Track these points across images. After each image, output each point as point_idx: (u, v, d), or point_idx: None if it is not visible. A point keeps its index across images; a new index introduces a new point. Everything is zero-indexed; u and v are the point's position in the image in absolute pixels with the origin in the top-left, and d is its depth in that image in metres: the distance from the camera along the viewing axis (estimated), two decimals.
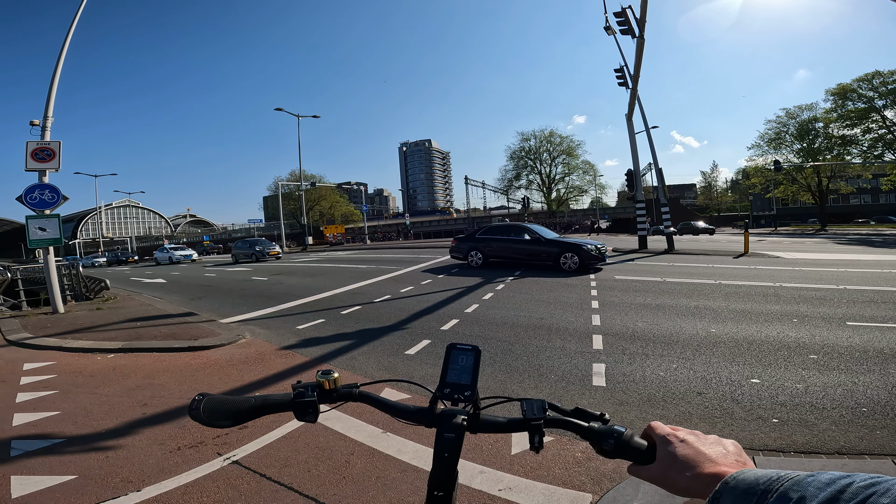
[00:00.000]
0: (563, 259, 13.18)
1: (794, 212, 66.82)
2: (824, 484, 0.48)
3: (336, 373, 0.94)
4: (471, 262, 15.23)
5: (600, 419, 0.83)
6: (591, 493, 2.75)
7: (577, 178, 67.90)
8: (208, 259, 39.78)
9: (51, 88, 11.09)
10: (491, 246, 15.15)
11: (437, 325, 7.37)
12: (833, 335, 5.87)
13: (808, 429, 3.48)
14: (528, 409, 0.86)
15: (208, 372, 5.62)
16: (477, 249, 15.22)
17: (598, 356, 5.43)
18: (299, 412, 0.90)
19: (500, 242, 15.10)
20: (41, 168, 10.55)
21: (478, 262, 15.09)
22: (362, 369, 5.46)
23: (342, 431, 3.66)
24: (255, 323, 8.50)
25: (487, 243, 15.22)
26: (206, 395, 0.90)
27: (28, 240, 10.56)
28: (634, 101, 21.00)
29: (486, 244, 15.22)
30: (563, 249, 13.38)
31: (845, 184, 50.28)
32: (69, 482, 3.05)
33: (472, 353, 0.93)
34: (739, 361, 5.04)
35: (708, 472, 0.64)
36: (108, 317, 9.72)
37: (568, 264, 13.12)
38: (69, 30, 11.53)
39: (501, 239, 15.19)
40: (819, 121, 45.07)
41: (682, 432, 0.72)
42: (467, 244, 15.64)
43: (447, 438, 0.84)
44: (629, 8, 17.73)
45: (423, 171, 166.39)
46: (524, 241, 14.59)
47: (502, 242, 15.08)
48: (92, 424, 4.07)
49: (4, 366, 6.27)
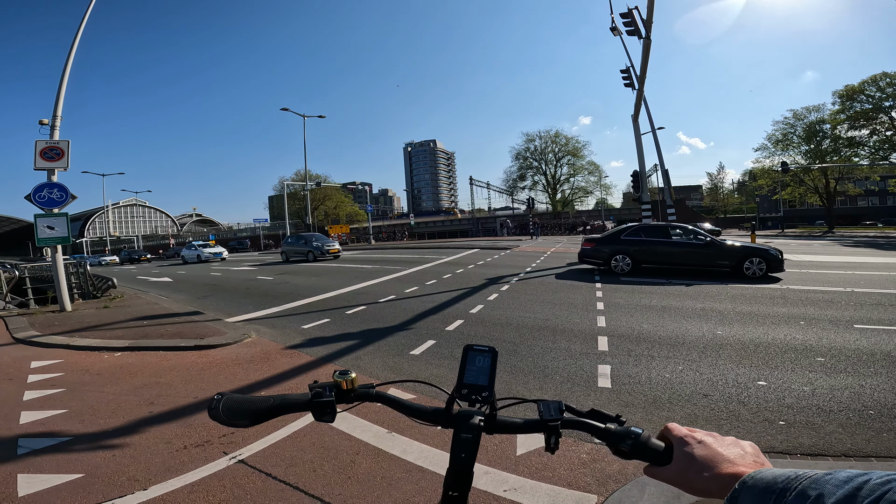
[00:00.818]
0: (748, 265, 11.66)
1: (801, 213, 66.44)
2: (841, 482, 0.48)
3: (353, 373, 0.95)
4: (615, 268, 13.12)
5: (616, 420, 0.83)
6: (596, 494, 2.74)
7: (583, 179, 67.77)
8: (245, 257, 36.76)
9: (60, 87, 11.17)
10: (643, 248, 13.21)
11: (442, 326, 7.37)
12: (840, 338, 5.83)
13: (814, 431, 3.46)
14: (545, 411, 0.86)
15: (214, 371, 5.65)
16: (624, 253, 13.20)
17: (604, 357, 5.42)
18: (317, 412, 0.91)
19: (656, 245, 13.22)
20: (50, 167, 10.62)
21: (625, 267, 13.06)
22: (367, 369, 5.46)
23: (347, 431, 3.67)
24: (260, 322, 8.53)
25: (639, 245, 13.26)
26: (225, 394, 0.90)
27: (36, 238, 10.64)
28: (640, 102, 20.96)
29: (638, 246, 13.23)
30: (748, 254, 11.95)
31: (853, 186, 49.94)
32: (76, 480, 3.07)
33: (489, 355, 0.94)
34: (746, 364, 5.01)
35: (726, 473, 0.64)
36: (115, 315, 9.77)
37: (753, 270, 11.57)
38: (78, 30, 11.62)
39: (658, 241, 13.28)
40: (826, 122, 44.79)
41: (700, 433, 0.72)
42: (611, 246, 13.44)
43: (465, 439, 0.85)
44: (635, 9, 17.70)
45: (427, 171, 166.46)
46: (692, 244, 12.75)
47: (659, 245, 13.20)
48: (98, 423, 4.10)
49: (12, 364, 6.32)
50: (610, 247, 13.46)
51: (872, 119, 40.93)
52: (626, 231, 13.83)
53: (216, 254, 32.22)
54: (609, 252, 13.39)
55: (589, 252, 13.82)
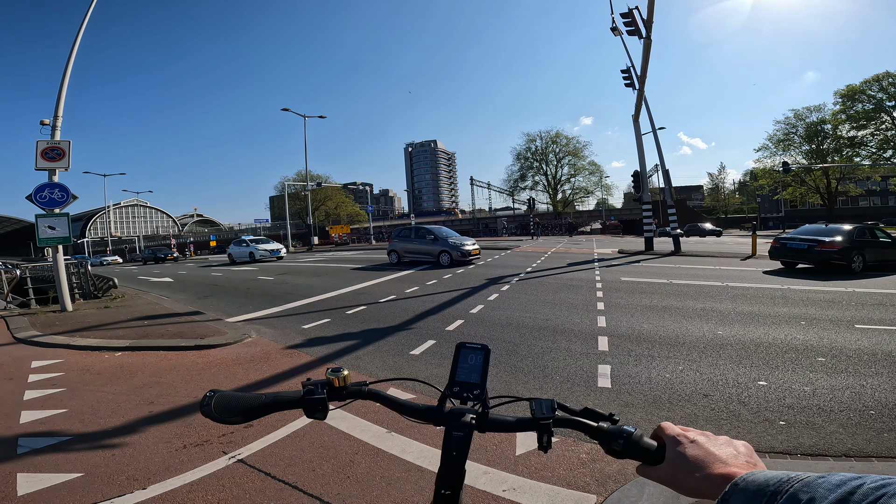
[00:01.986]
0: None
1: (802, 214, 66.26)
2: (834, 485, 0.47)
3: (345, 370, 0.94)
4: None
5: (609, 419, 0.82)
6: (595, 494, 2.74)
7: (583, 180, 67.85)
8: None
9: (61, 88, 11.18)
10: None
11: (442, 326, 7.37)
12: (841, 338, 5.82)
13: (815, 431, 3.46)
14: (538, 409, 0.85)
15: (214, 371, 5.65)
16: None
17: (604, 357, 5.41)
18: (309, 409, 0.90)
19: None
20: (51, 167, 10.63)
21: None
22: (367, 369, 5.46)
23: (347, 431, 3.67)
24: (260, 322, 8.53)
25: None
26: (218, 391, 0.90)
27: (37, 238, 10.65)
28: (641, 103, 20.96)
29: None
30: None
31: (854, 186, 49.89)
32: (75, 480, 3.07)
33: (481, 353, 0.93)
34: (746, 364, 5.00)
35: (718, 473, 0.63)
36: (116, 315, 9.78)
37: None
38: (79, 31, 11.63)
39: None
40: (827, 122, 44.76)
41: (693, 433, 0.72)
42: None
43: (456, 437, 0.84)
44: (636, 9, 17.69)
45: (428, 171, 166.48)
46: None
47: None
48: (99, 422, 4.10)
49: (12, 363, 6.32)
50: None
51: (874, 119, 40.89)
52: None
53: (273, 251, 25.88)
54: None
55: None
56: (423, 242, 17.91)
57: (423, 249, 17.76)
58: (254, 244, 26.51)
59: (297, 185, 57.93)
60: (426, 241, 17.83)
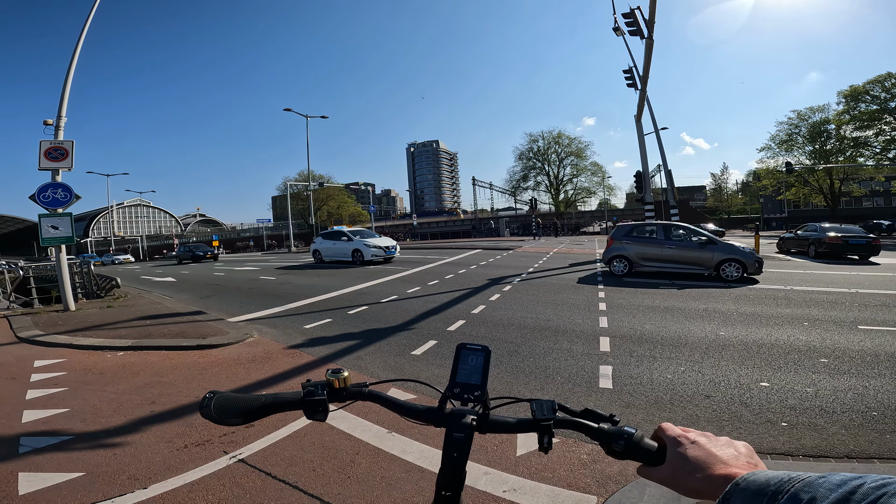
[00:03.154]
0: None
1: (805, 214, 66.03)
2: (835, 485, 0.47)
3: (346, 371, 0.94)
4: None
5: (610, 420, 0.82)
6: (596, 495, 2.73)
7: (586, 180, 67.80)
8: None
9: (64, 88, 11.23)
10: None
11: (444, 326, 7.36)
12: (844, 339, 5.80)
13: (817, 432, 3.44)
14: (538, 410, 0.85)
15: (216, 370, 5.66)
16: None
17: (606, 358, 5.40)
18: (309, 411, 0.90)
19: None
20: (54, 167, 10.67)
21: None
22: (368, 369, 5.46)
23: (348, 431, 3.67)
24: (262, 322, 8.54)
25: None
26: (217, 392, 0.90)
27: (40, 238, 10.68)
28: (643, 103, 20.91)
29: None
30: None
31: (857, 186, 49.73)
32: (76, 479, 3.07)
33: (482, 354, 0.93)
34: (749, 365, 4.99)
35: (719, 474, 0.64)
36: (119, 315, 9.81)
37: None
38: (82, 31, 11.66)
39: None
40: (831, 123, 44.63)
41: (694, 434, 0.72)
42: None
43: (457, 438, 0.84)
44: (638, 9, 17.66)
45: (430, 171, 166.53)
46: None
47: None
48: (100, 421, 4.11)
49: (15, 363, 6.34)
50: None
51: (878, 119, 40.74)
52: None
53: (388, 249, 19.76)
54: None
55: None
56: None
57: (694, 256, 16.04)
58: (360, 238, 20.16)
59: (299, 185, 58.00)
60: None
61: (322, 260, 21.29)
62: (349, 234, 20.83)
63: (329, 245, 21.30)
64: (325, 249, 21.40)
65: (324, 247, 21.58)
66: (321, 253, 21.56)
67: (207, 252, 34.63)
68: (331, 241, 21.42)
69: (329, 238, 21.78)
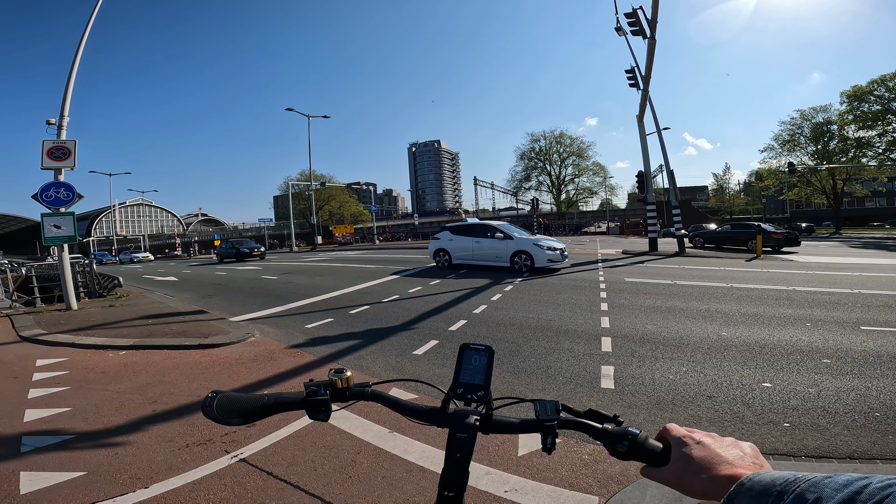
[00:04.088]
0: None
1: (808, 214, 66.00)
2: (841, 485, 0.47)
3: (349, 371, 0.94)
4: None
5: (614, 421, 0.82)
6: (597, 495, 2.72)
7: (587, 180, 67.88)
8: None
9: (67, 87, 11.25)
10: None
11: (445, 326, 7.36)
12: (847, 339, 5.78)
13: (819, 433, 3.43)
14: (542, 411, 0.85)
15: (218, 370, 5.66)
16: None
17: (607, 358, 5.39)
18: (311, 411, 0.90)
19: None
20: (57, 166, 10.69)
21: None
22: (370, 369, 5.46)
23: (349, 431, 3.67)
24: (264, 321, 8.55)
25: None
26: (219, 392, 0.90)
27: (43, 237, 10.71)
28: (646, 103, 20.88)
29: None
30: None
31: (860, 187, 49.64)
32: (78, 478, 3.08)
33: (485, 354, 0.93)
34: (751, 365, 4.97)
35: (724, 474, 0.63)
36: (121, 314, 9.82)
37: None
38: (84, 31, 11.69)
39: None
40: (833, 123, 44.53)
41: (698, 434, 0.71)
42: None
43: (460, 439, 0.84)
44: (640, 9, 17.64)
45: (432, 171, 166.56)
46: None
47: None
48: (102, 421, 4.11)
49: (17, 362, 6.36)
50: None
51: (881, 120, 40.63)
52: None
53: (563, 252, 14.41)
54: None
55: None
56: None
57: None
58: (523, 236, 15.03)
59: (300, 185, 58.09)
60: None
61: (450, 263, 15.72)
62: (503, 230, 14.76)
63: (468, 243, 15.25)
64: (461, 249, 15.43)
65: (457, 245, 15.55)
66: (451, 254, 15.58)
67: (254, 249, 28.16)
68: (470, 238, 15.28)
69: (466, 233, 15.56)
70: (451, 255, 15.63)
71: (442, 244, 16.01)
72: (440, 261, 15.95)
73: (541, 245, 13.97)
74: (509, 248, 14.31)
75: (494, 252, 14.64)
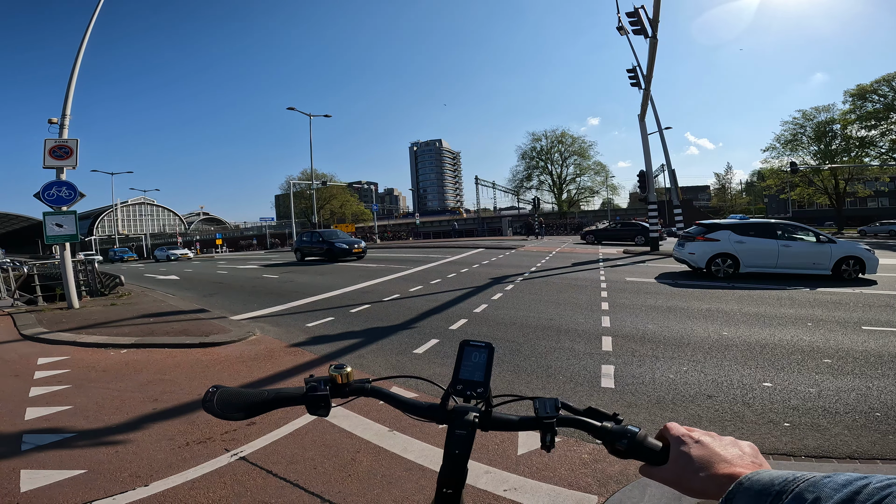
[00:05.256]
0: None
1: (810, 214, 65.77)
2: (840, 485, 0.47)
3: (349, 367, 0.94)
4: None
5: (613, 419, 0.82)
6: (596, 494, 2.72)
7: (589, 179, 67.71)
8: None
9: (69, 87, 11.27)
10: None
11: (446, 325, 7.36)
12: (848, 339, 5.77)
13: (820, 433, 3.43)
14: (541, 408, 0.85)
15: (219, 368, 5.67)
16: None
17: (608, 358, 5.39)
18: (311, 406, 0.90)
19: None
20: (59, 165, 10.71)
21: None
22: (370, 367, 5.47)
23: (349, 429, 3.67)
24: (265, 320, 8.56)
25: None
26: (220, 387, 0.90)
27: (45, 236, 10.73)
28: (647, 103, 20.85)
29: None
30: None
31: (863, 186, 49.48)
32: (78, 476, 3.09)
33: (485, 351, 0.92)
34: (751, 365, 4.97)
35: (723, 473, 0.63)
36: (122, 312, 9.84)
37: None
38: (86, 30, 11.71)
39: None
40: (836, 122, 44.37)
41: (698, 433, 0.71)
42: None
43: (459, 435, 0.84)
44: (642, 8, 17.60)
45: (433, 171, 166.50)
46: None
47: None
48: (103, 419, 4.12)
49: (19, 360, 6.37)
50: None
51: (884, 119, 40.49)
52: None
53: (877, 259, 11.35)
54: None
55: None
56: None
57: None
58: (825, 235, 11.89)
59: (302, 184, 58.09)
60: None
61: (736, 272, 11.84)
62: (806, 228, 12.09)
63: (770, 247, 11.70)
64: (759, 255, 11.78)
65: (751, 249, 11.82)
66: (740, 260, 11.83)
67: (354, 245, 21.41)
68: (774, 241, 11.71)
69: (763, 234, 11.98)
70: (739, 262, 11.85)
71: (723, 247, 11.95)
72: (718, 269, 11.90)
73: (869, 249, 11.43)
74: (834, 252, 11.31)
75: (811, 258, 11.51)
